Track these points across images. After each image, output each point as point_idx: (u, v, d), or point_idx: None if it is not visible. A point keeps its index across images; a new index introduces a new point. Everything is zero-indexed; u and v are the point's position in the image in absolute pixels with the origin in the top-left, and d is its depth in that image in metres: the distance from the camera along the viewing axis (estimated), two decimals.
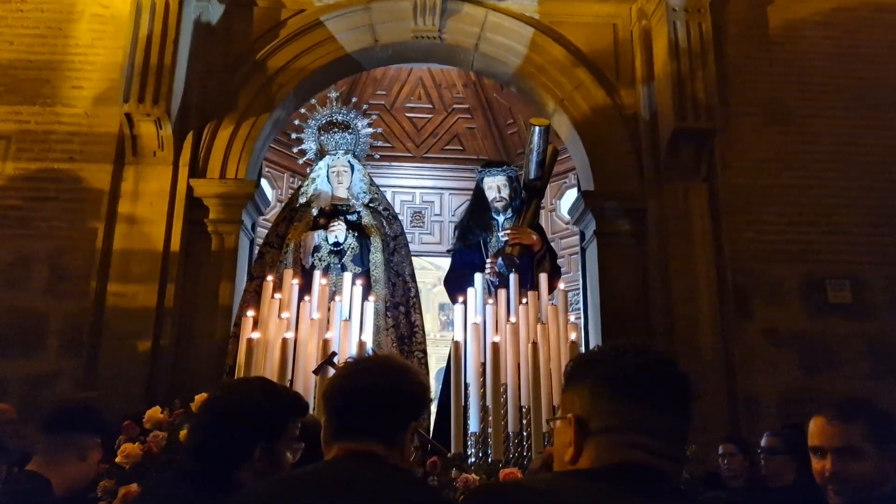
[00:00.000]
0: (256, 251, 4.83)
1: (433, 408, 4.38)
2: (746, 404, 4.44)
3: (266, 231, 6.37)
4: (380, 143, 5.19)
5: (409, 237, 5.00)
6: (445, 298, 12.98)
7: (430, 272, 11.69)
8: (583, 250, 5.21)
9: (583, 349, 5.01)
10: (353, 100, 5.84)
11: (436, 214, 7.44)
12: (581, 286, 5.24)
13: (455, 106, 7.32)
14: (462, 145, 7.47)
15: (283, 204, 6.75)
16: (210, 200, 4.70)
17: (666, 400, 1.08)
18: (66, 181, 4.63)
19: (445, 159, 7.43)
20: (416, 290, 4.57)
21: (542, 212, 6.26)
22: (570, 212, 5.30)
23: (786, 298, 4.70)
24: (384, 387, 1.46)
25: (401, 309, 4.44)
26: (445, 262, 9.64)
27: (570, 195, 6.84)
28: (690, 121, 4.62)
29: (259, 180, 5.04)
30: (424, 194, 7.46)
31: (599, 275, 4.76)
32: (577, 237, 6.59)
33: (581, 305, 5.50)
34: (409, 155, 7.41)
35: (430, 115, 7.38)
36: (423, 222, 7.39)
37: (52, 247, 4.51)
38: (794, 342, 4.61)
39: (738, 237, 4.76)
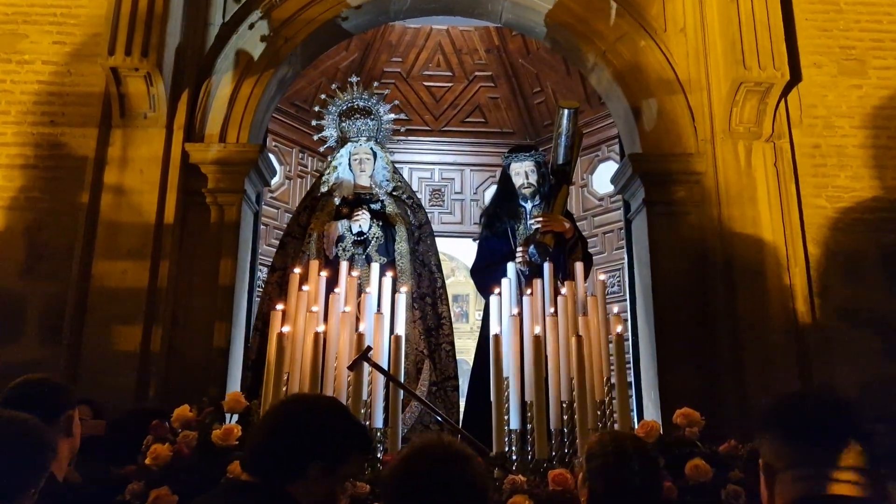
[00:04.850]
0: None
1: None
2: None
3: (272, 206, 5.96)
4: (395, 116, 4.73)
5: (428, 216, 4.73)
6: (458, 290, 12.59)
7: (444, 263, 11.11)
8: (628, 223, 4.63)
9: (629, 335, 4.48)
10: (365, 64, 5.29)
11: (456, 192, 6.90)
12: (626, 264, 4.66)
13: (477, 73, 6.73)
14: (484, 117, 6.91)
15: (290, 181, 6.33)
16: (208, 167, 4.18)
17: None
18: (47, 147, 4.12)
19: (466, 132, 6.89)
20: (443, 281, 4.46)
21: (573, 188, 5.70)
22: (613, 179, 4.71)
23: (864, 274, 4.14)
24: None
25: (427, 300, 4.32)
26: (461, 249, 9.19)
27: (603, 169, 6.30)
28: (754, 71, 4.05)
29: (264, 144, 4.50)
30: (444, 171, 6.92)
31: (650, 249, 4.19)
32: (612, 214, 6.08)
33: (625, 286, 4.94)
34: (427, 128, 6.86)
35: (449, 84, 6.80)
36: (443, 201, 6.86)
37: (31, 220, 4.00)
38: (875, 324, 4.05)
39: (809, 204, 4.20)
